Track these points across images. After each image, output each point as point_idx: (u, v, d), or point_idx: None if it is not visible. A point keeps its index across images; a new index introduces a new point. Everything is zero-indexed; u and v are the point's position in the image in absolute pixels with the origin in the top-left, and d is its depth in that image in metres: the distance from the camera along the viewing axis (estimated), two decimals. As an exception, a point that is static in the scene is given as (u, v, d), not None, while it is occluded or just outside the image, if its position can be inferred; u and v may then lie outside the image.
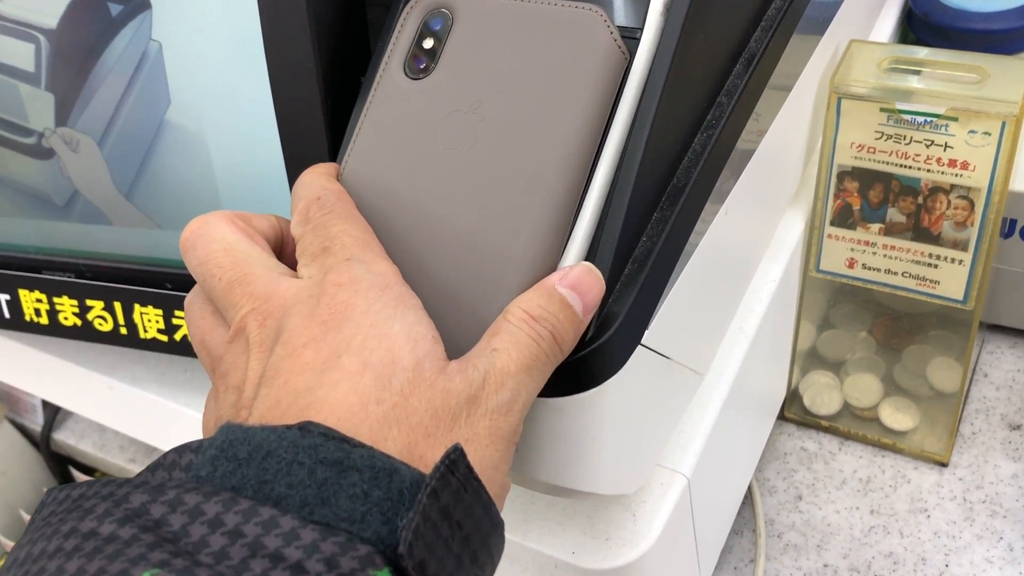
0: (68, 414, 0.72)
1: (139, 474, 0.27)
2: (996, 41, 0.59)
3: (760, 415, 0.53)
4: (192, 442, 0.27)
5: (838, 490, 0.55)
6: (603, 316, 0.32)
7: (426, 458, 0.26)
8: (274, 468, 0.25)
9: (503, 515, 0.28)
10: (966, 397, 0.58)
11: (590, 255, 0.32)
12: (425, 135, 0.33)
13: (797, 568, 0.52)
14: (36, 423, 0.71)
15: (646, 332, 0.34)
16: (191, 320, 0.32)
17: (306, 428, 0.25)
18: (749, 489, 0.55)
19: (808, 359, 0.59)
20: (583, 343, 0.31)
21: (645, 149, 0.32)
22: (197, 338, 0.32)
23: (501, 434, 0.28)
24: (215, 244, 0.31)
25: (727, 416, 0.45)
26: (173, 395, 0.51)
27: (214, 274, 0.31)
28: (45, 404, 0.71)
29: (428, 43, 0.34)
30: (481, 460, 0.27)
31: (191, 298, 0.33)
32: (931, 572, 0.51)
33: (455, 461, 0.25)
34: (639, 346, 0.33)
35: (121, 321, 0.47)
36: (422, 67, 0.33)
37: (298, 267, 0.31)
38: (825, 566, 0.52)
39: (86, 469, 0.73)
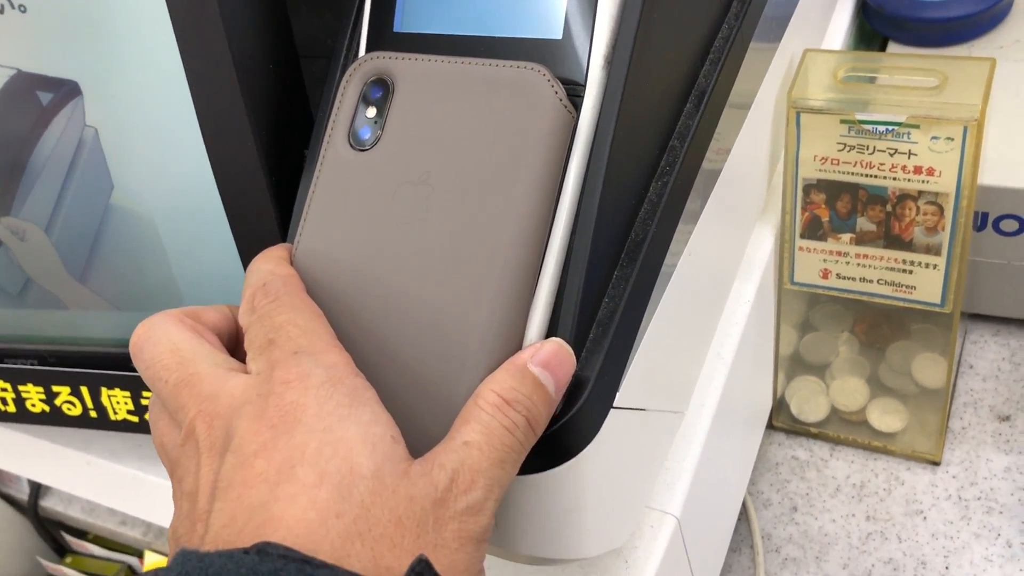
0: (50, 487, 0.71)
1: None
2: (954, 29, 0.58)
3: (748, 430, 0.53)
4: (147, 573, 0.26)
5: (832, 498, 0.55)
6: (571, 385, 0.31)
7: (393, 569, 0.25)
8: None
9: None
10: (953, 391, 0.57)
11: (552, 323, 0.31)
12: (376, 210, 0.32)
13: (797, 583, 0.52)
14: (23, 492, 0.71)
15: (617, 395, 0.33)
16: (151, 423, 0.32)
17: (264, 551, 0.24)
18: (744, 504, 0.55)
19: (792, 364, 0.58)
20: (554, 417, 0.31)
21: (599, 208, 0.31)
22: (157, 441, 0.31)
23: (470, 536, 0.27)
24: (160, 346, 0.30)
25: (713, 444, 0.44)
26: (152, 469, 0.51)
27: (161, 376, 0.30)
28: (29, 473, 0.70)
29: (370, 112, 0.33)
30: (451, 565, 0.26)
31: (152, 399, 0.32)
32: (931, 576, 0.50)
33: (420, 574, 0.24)
34: (612, 410, 0.33)
35: (90, 405, 0.46)
36: (366, 138, 0.32)
37: (247, 361, 0.30)
38: (825, 578, 0.52)
39: (77, 533, 0.72)
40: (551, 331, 0.31)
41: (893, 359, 0.57)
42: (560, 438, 0.31)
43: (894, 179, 0.46)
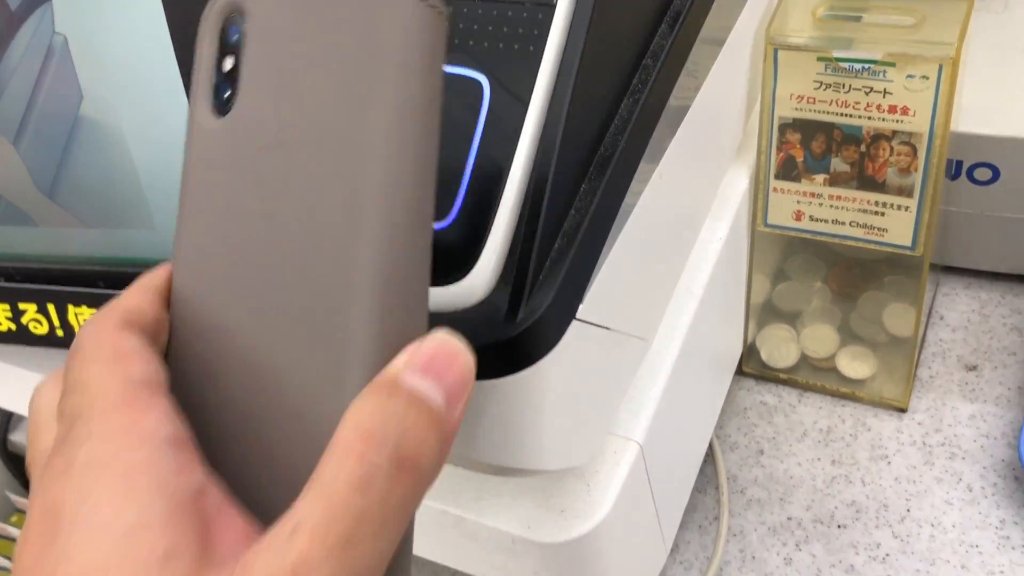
0: (23, 416, 0.71)
1: None
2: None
3: (716, 373, 0.53)
4: None
5: (799, 442, 0.55)
6: (534, 293, 0.31)
7: None
8: None
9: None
10: (922, 341, 0.58)
11: (517, 232, 0.31)
12: (240, 188, 0.25)
13: (761, 523, 0.52)
14: (-8, 427, 0.70)
15: (581, 306, 0.33)
16: None
17: None
18: (710, 446, 0.55)
19: (764, 312, 0.58)
20: (515, 323, 0.31)
21: (567, 118, 0.31)
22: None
23: None
24: (82, 371, 0.22)
25: (679, 379, 0.44)
26: (120, 393, 0.50)
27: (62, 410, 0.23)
28: (-1, 407, 0.70)
29: (228, 63, 0.26)
30: None
31: None
32: (893, 518, 0.51)
33: None
34: (575, 320, 0.33)
35: (56, 323, 0.46)
36: (227, 96, 0.25)
37: None
38: (789, 519, 0.52)
39: (48, 469, 0.72)
40: (515, 243, 0.31)
41: (865, 308, 0.58)
42: (520, 344, 0.31)
43: (869, 118, 0.46)
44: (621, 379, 0.41)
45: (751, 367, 0.58)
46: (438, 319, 0.31)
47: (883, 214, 0.49)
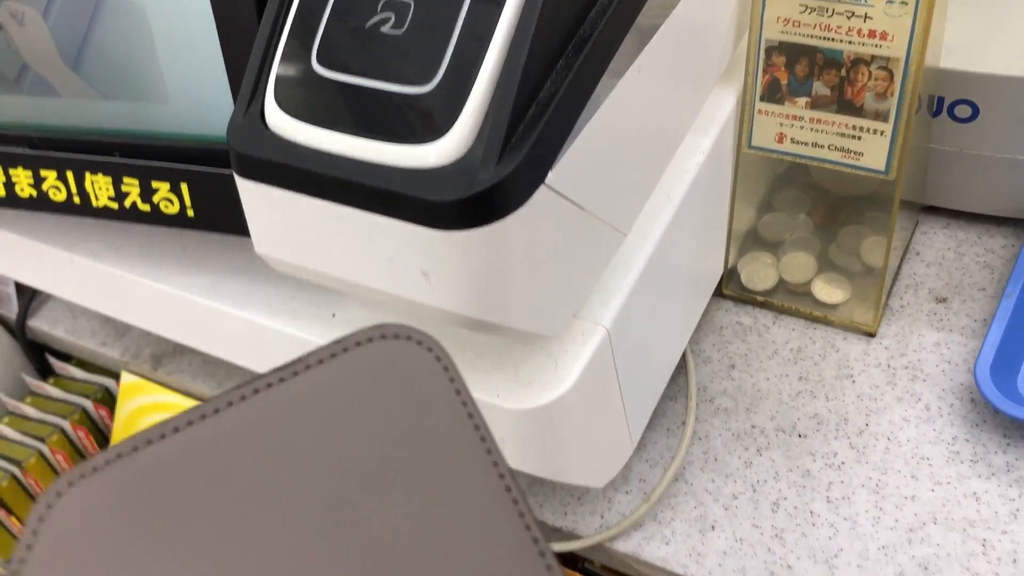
0: (42, 302, 0.74)
1: None
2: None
3: (693, 287, 0.56)
4: None
5: (770, 359, 0.58)
6: (505, 154, 0.34)
7: None
8: None
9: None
10: (897, 273, 0.60)
11: (493, 98, 0.34)
12: None
13: (726, 429, 0.55)
14: (11, 312, 0.74)
15: (550, 173, 0.36)
16: None
17: None
18: (684, 358, 0.58)
19: (747, 240, 0.61)
20: (487, 179, 0.33)
21: (547, -3, 0.34)
22: None
23: None
24: None
25: (651, 277, 0.47)
26: (130, 266, 0.54)
27: None
28: (19, 292, 0.74)
29: None
30: None
31: None
32: (851, 431, 0.54)
33: None
34: (544, 186, 0.36)
35: (74, 190, 0.49)
36: None
37: None
38: (753, 427, 0.55)
39: (62, 356, 0.76)
40: (491, 107, 0.34)
41: (844, 241, 0.60)
42: (489, 198, 0.34)
43: (850, 43, 0.49)
44: (593, 263, 0.43)
45: (731, 290, 0.61)
46: (418, 175, 0.35)
47: (860, 138, 0.51)
